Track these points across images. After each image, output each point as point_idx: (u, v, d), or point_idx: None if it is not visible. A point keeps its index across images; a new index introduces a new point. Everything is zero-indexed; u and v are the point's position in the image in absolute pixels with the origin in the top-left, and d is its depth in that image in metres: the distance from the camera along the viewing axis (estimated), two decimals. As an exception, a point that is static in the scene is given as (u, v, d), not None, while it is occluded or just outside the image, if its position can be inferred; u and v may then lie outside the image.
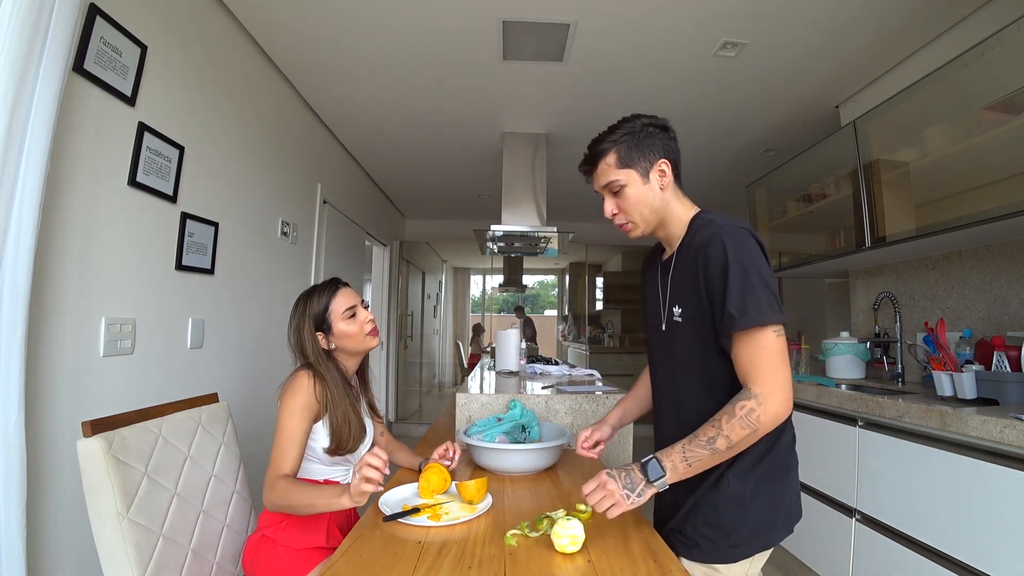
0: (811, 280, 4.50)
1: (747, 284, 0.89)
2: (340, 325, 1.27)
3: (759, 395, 0.87)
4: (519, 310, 7.31)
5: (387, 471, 1.00)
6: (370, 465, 0.97)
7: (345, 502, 1.01)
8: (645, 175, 1.03)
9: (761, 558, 1.00)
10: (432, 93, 2.72)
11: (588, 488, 0.94)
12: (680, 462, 0.90)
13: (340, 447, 1.23)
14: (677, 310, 1.02)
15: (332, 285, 1.31)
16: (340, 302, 1.29)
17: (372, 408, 1.42)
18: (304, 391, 1.18)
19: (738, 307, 0.89)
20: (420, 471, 1.29)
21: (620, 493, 0.91)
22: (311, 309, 1.27)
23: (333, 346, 1.29)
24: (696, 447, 0.90)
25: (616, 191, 1.04)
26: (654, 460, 0.92)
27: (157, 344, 1.65)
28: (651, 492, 0.92)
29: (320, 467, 1.25)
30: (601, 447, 1.26)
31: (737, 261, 0.90)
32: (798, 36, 2.13)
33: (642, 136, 1.02)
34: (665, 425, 1.12)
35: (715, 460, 0.91)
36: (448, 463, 1.28)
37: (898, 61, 2.30)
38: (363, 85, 2.64)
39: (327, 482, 1.25)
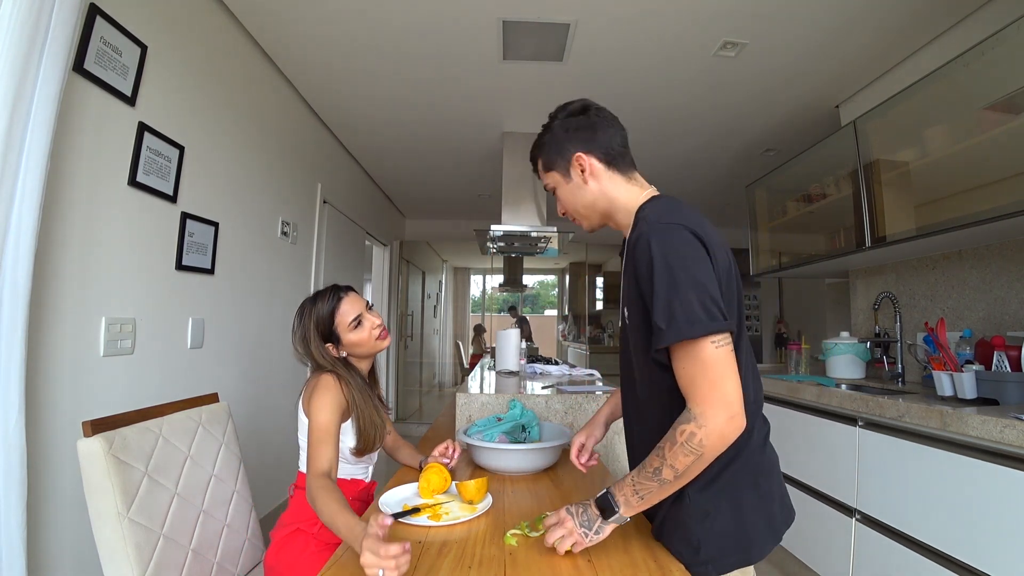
0: (811, 280, 4.50)
1: (673, 290, 0.77)
2: (348, 336, 1.26)
3: (698, 416, 0.76)
4: (512, 310, 7.31)
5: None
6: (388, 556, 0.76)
7: (356, 545, 0.82)
8: (566, 173, 0.98)
9: (743, 573, 0.90)
10: (432, 93, 2.72)
11: (548, 522, 0.89)
12: (632, 496, 0.83)
13: (367, 448, 1.25)
14: (625, 313, 0.92)
15: (334, 295, 1.27)
16: (345, 312, 1.26)
17: (381, 402, 1.42)
18: (334, 389, 1.18)
19: (665, 318, 0.77)
20: (421, 469, 1.29)
21: (578, 532, 0.85)
22: (316, 321, 1.25)
23: (344, 354, 1.28)
24: (644, 479, 0.81)
25: (553, 192, 1.03)
26: (607, 495, 0.85)
27: (157, 344, 1.65)
28: (609, 528, 0.86)
29: (345, 466, 1.27)
30: (594, 461, 1.20)
31: (663, 264, 0.78)
32: (798, 36, 2.13)
33: (557, 135, 0.98)
34: (633, 433, 1.02)
35: (667, 491, 0.81)
36: (447, 461, 1.28)
37: (898, 61, 2.30)
38: (363, 85, 2.64)
39: (354, 481, 1.29)
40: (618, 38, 2.19)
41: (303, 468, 1.23)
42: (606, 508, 0.85)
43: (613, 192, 0.96)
